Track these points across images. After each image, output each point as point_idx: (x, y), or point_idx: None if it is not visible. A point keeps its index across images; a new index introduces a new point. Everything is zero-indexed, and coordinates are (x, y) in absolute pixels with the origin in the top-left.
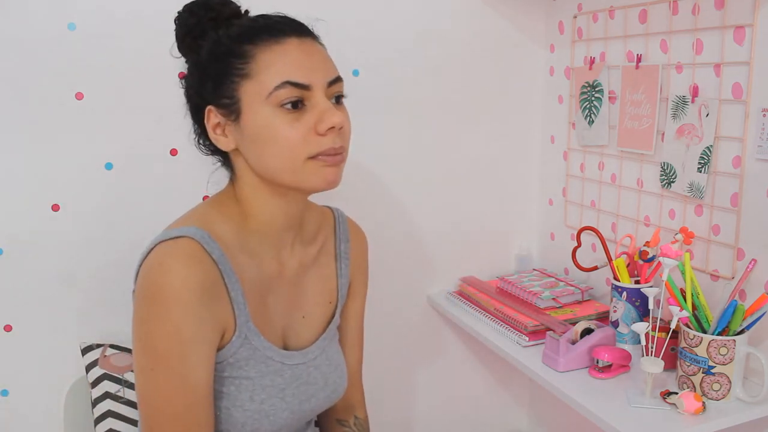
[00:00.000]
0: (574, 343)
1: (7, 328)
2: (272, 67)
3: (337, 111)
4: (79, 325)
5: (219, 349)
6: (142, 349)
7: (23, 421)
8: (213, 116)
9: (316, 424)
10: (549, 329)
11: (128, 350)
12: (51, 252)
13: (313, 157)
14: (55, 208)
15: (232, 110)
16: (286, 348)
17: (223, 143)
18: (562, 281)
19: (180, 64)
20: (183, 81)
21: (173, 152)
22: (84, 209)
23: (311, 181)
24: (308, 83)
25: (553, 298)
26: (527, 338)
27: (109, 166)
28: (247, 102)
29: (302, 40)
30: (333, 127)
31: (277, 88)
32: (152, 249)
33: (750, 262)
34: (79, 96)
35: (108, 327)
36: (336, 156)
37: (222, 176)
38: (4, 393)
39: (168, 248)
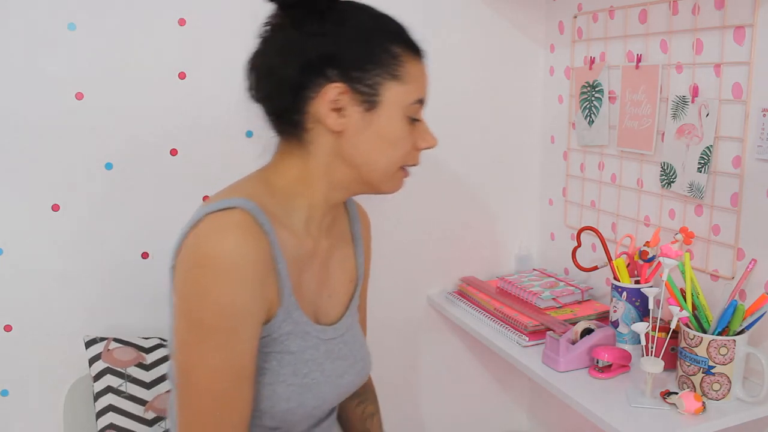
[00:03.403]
0: (574, 343)
1: (7, 328)
2: (417, 80)
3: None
4: (78, 325)
5: (264, 324)
6: (187, 323)
7: (23, 421)
8: (336, 94)
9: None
10: (549, 329)
11: (132, 344)
12: (51, 252)
13: (402, 167)
14: (55, 208)
15: (367, 99)
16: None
17: (333, 123)
18: (562, 281)
19: (181, 65)
20: (295, 36)
21: (173, 152)
22: (84, 209)
23: (389, 186)
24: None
25: (553, 298)
26: (527, 338)
27: (109, 166)
28: (389, 102)
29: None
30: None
31: (415, 102)
32: (200, 220)
33: (750, 262)
34: (79, 96)
35: (108, 327)
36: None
37: (225, 175)
38: (4, 393)
39: (221, 219)
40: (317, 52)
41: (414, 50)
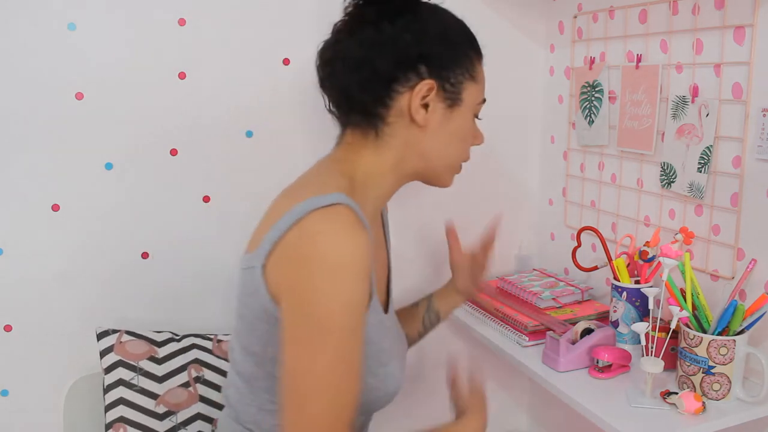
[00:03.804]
0: (574, 343)
1: (7, 328)
2: (483, 81)
3: None
4: (78, 326)
5: None
6: (306, 320)
7: (23, 421)
8: (427, 90)
9: None
10: (549, 329)
11: (144, 337)
12: (51, 252)
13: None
14: (55, 208)
15: (450, 98)
16: None
17: (421, 118)
18: (562, 281)
19: (181, 65)
20: (390, 31)
21: (173, 152)
22: (84, 209)
23: (448, 180)
24: None
25: (553, 298)
26: (527, 338)
27: (109, 166)
28: (466, 101)
29: None
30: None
31: (481, 102)
32: (303, 217)
33: (750, 262)
34: (79, 96)
35: (106, 327)
36: None
37: (225, 175)
38: (4, 393)
39: (330, 216)
40: (412, 48)
41: (480, 53)
